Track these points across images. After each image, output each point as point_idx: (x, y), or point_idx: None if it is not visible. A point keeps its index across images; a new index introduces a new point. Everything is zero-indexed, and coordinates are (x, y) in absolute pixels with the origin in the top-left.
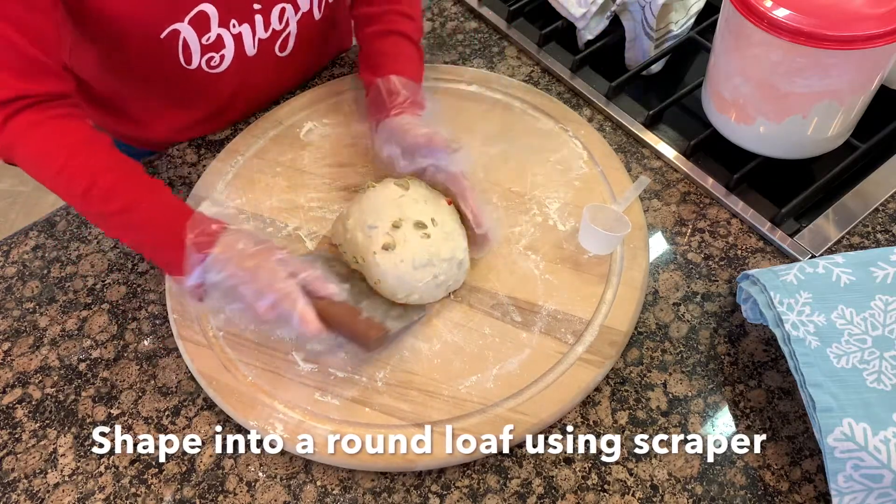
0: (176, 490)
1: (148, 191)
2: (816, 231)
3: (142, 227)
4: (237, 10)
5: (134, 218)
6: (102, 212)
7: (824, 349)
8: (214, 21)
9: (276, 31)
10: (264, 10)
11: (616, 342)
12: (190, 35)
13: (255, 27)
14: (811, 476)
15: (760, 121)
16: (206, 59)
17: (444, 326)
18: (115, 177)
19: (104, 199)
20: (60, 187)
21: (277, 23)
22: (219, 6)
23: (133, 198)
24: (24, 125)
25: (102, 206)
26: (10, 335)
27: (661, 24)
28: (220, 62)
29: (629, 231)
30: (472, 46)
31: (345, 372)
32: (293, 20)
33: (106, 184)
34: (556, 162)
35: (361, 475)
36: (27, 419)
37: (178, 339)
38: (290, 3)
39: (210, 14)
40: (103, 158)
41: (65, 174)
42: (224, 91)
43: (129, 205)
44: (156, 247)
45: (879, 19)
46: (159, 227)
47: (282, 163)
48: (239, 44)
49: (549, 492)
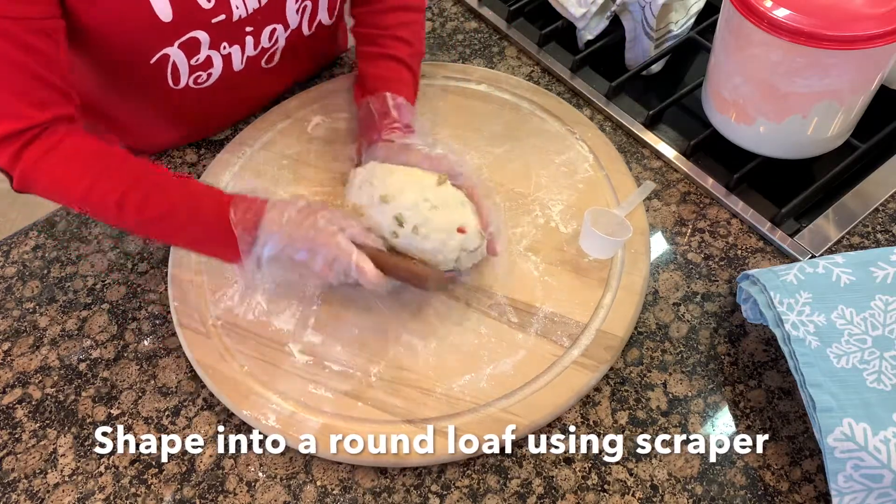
0: (176, 490)
1: (181, 189)
2: (816, 231)
3: (187, 227)
4: (228, 35)
5: (176, 220)
6: (141, 221)
7: (824, 349)
8: (205, 45)
9: (265, 49)
10: (255, 31)
11: (612, 347)
12: (180, 58)
13: (245, 47)
14: (811, 476)
15: (760, 121)
16: (194, 78)
17: (440, 324)
18: (145, 185)
19: (139, 209)
20: (90, 208)
21: (267, 41)
22: (212, 33)
23: (169, 201)
24: (38, 154)
25: (139, 215)
26: (10, 335)
27: (661, 24)
28: (207, 79)
29: (630, 236)
30: (472, 46)
31: (340, 365)
32: (282, 37)
33: (138, 194)
34: (561, 164)
35: (361, 475)
36: (27, 419)
37: (177, 327)
38: (280, 24)
39: (202, 40)
40: (126, 169)
41: (93, 195)
42: (212, 103)
43: (169, 209)
44: (206, 240)
45: (879, 19)
46: (203, 221)
47: (288, 156)
48: (227, 63)
49: (549, 492)
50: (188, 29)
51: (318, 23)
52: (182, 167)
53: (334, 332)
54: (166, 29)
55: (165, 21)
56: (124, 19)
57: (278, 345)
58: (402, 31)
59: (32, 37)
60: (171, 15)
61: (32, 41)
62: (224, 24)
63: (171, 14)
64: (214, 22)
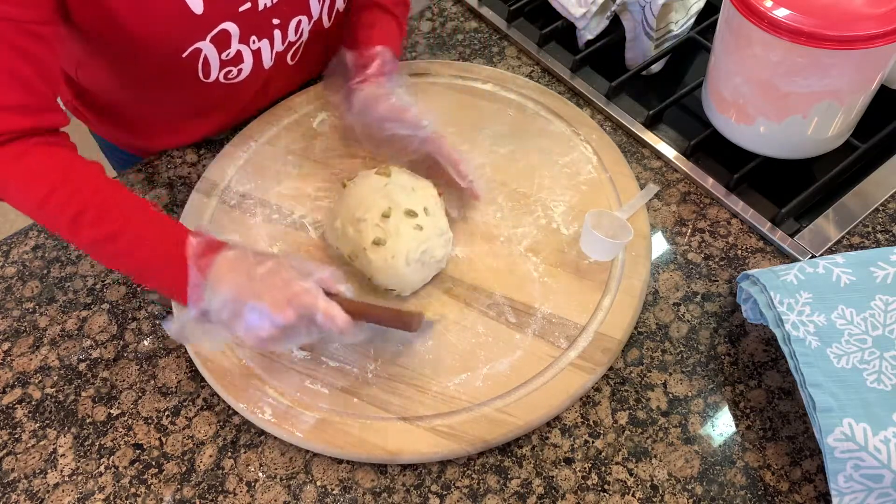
0: (176, 490)
1: (140, 212)
2: (816, 231)
3: (138, 250)
4: (257, 26)
5: (128, 242)
6: (93, 238)
7: (824, 349)
8: (235, 38)
9: (291, 42)
10: (282, 24)
11: (609, 349)
12: (211, 52)
13: (274, 41)
14: (811, 476)
15: (760, 121)
16: (225, 73)
17: (438, 323)
18: (103, 203)
19: (93, 225)
20: (45, 219)
21: (293, 34)
22: (240, 24)
23: (123, 220)
24: (10, 156)
25: (92, 231)
26: (10, 335)
27: (661, 24)
28: (238, 75)
29: (631, 239)
30: (472, 46)
31: (337, 361)
32: (306, 30)
33: (94, 211)
34: (565, 165)
35: (361, 475)
36: (27, 419)
37: None
38: (305, 15)
39: (232, 32)
40: (90, 188)
41: (49, 206)
42: (238, 101)
43: (121, 228)
44: (154, 270)
45: (879, 19)
46: (155, 247)
47: (293, 151)
48: (258, 58)
49: (549, 492)
50: (219, 20)
51: (336, 12)
52: (182, 167)
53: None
54: (198, 21)
55: (198, 13)
56: (159, 13)
57: None
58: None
59: (23, 39)
60: (203, 6)
61: (23, 44)
62: (251, 14)
63: (202, 5)
64: (242, 10)
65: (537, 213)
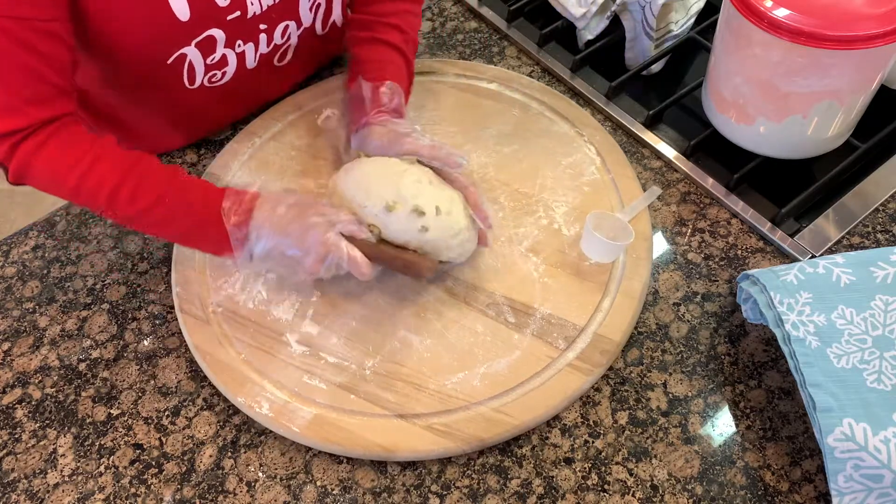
0: (176, 490)
1: (172, 180)
2: (816, 231)
3: (177, 219)
4: (243, 31)
5: (166, 211)
6: (131, 211)
7: (824, 349)
8: (221, 43)
9: (277, 45)
10: (269, 28)
11: (608, 351)
12: (196, 57)
13: (259, 45)
14: (811, 476)
15: (760, 121)
16: (209, 77)
17: (437, 321)
18: (136, 175)
19: (130, 200)
20: (83, 198)
21: (280, 38)
22: (226, 30)
23: (159, 191)
24: (34, 146)
25: (130, 206)
26: (10, 335)
27: (661, 24)
28: (222, 77)
29: (632, 240)
30: (472, 46)
31: (335, 357)
32: (294, 34)
33: (129, 184)
34: (568, 166)
35: (361, 475)
36: (27, 419)
37: (178, 312)
38: (293, 21)
39: (217, 37)
40: (118, 160)
41: (86, 184)
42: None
43: (158, 199)
44: (196, 233)
45: (879, 19)
46: (194, 213)
47: (297, 147)
48: (241, 61)
49: (549, 492)
50: (205, 27)
51: (331, 23)
52: (182, 167)
53: (332, 323)
54: (184, 28)
55: (183, 20)
56: (143, 21)
57: (276, 334)
58: (397, 20)
59: (37, 37)
60: (189, 14)
61: (37, 41)
62: (239, 21)
63: (188, 13)
64: (230, 19)
65: (539, 214)
